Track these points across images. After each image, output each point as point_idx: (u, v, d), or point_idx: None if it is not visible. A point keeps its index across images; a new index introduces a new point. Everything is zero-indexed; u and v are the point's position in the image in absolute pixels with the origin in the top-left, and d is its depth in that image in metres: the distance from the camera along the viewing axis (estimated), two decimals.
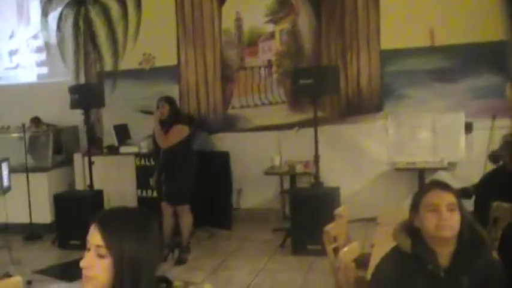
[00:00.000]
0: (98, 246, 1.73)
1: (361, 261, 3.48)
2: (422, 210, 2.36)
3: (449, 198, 2.33)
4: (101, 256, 1.73)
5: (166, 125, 6.17)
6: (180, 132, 6.21)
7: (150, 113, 6.29)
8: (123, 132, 8.29)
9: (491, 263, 2.37)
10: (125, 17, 8.61)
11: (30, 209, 7.63)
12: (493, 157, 6.06)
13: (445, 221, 2.28)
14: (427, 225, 2.32)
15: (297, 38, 8.04)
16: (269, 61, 8.18)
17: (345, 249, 3.47)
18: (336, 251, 3.93)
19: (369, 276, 3.01)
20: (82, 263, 1.76)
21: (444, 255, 2.31)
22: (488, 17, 7.20)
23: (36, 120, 8.55)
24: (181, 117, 6.55)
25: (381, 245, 3.53)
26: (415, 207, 2.41)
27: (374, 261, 3.22)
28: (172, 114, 6.24)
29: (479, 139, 7.15)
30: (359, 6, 7.74)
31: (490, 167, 6.70)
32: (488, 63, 7.25)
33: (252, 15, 8.15)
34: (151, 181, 6.68)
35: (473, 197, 5.59)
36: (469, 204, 4.67)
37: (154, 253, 1.79)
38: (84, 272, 1.75)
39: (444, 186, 2.39)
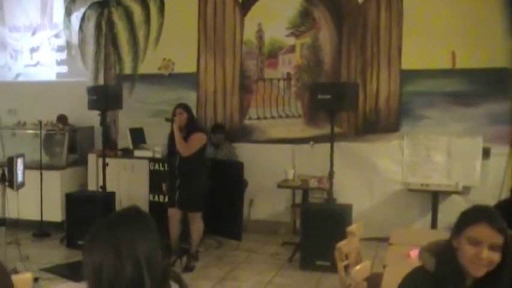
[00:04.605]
0: None
1: (373, 281, 3.45)
2: (463, 238, 2.18)
3: (496, 238, 2.13)
4: None
5: (183, 132, 6.17)
6: (201, 140, 6.24)
7: (173, 120, 6.24)
8: (138, 136, 8.29)
9: None
10: (147, 21, 8.66)
11: (41, 207, 7.67)
12: None
13: (482, 261, 2.13)
14: (462, 255, 2.18)
15: (317, 52, 8.04)
16: (288, 74, 8.17)
17: (358, 267, 3.44)
18: (346, 268, 3.91)
19: None
20: None
21: (470, 280, 2.21)
22: (510, 43, 7.17)
23: (62, 118, 8.60)
24: (198, 125, 6.57)
25: (393, 266, 3.51)
26: (457, 230, 2.22)
27: (386, 282, 3.19)
28: (189, 122, 6.24)
29: (496, 165, 7.09)
30: (381, 25, 7.73)
31: (506, 193, 6.68)
32: (509, 89, 7.20)
33: (274, 27, 8.16)
34: (164, 186, 6.66)
35: None
36: None
37: (111, 260, 1.68)
38: None
39: (495, 222, 2.15)
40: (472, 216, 2.22)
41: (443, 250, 2.26)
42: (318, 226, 6.26)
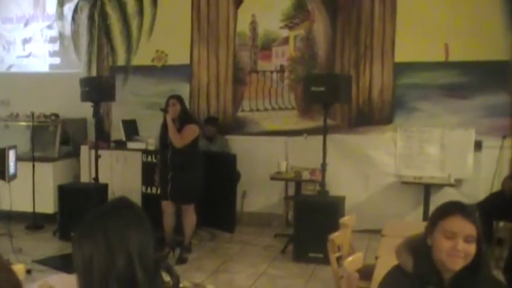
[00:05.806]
0: None
1: (365, 272, 3.46)
2: (438, 232, 2.21)
3: (470, 229, 2.17)
4: None
5: (176, 124, 6.15)
6: (194, 131, 6.22)
7: (167, 111, 6.22)
8: (131, 128, 8.26)
9: (493, 283, 2.32)
10: (140, 12, 8.61)
11: (34, 198, 7.65)
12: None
13: (459, 252, 2.15)
14: (438, 250, 2.20)
15: (311, 44, 8.03)
16: (282, 66, 8.16)
17: (350, 258, 3.45)
18: (339, 260, 3.92)
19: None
20: None
21: (448, 276, 2.23)
22: (504, 35, 7.17)
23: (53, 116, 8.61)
24: (191, 117, 6.55)
25: (385, 258, 3.51)
26: (431, 225, 2.25)
27: (378, 273, 3.20)
28: (183, 114, 6.22)
29: (488, 158, 7.10)
30: (375, 18, 7.72)
31: (497, 186, 6.70)
32: (502, 82, 7.20)
33: (267, 19, 8.14)
34: (156, 179, 6.64)
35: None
36: None
37: (102, 253, 1.64)
38: None
39: (467, 214, 2.20)
40: (446, 209, 2.26)
41: (418, 248, 2.28)
42: (311, 218, 6.27)
